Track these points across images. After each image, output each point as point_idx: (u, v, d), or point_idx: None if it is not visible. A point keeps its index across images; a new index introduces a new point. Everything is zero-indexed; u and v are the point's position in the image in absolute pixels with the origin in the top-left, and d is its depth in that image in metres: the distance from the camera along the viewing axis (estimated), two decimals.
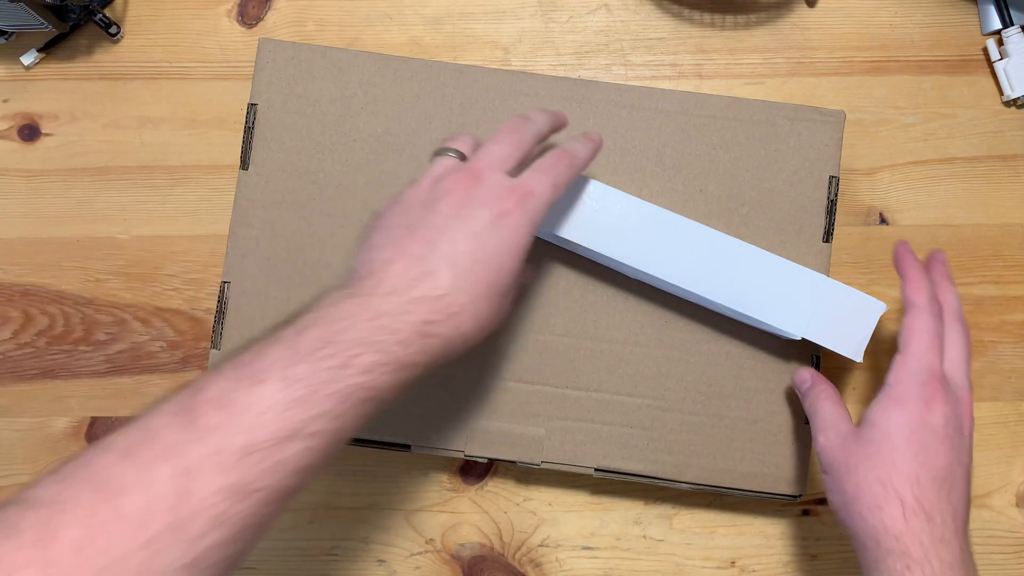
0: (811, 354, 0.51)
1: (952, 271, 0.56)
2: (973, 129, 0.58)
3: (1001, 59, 0.57)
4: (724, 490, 0.51)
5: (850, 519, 0.42)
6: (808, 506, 0.55)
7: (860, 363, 0.48)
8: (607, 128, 0.52)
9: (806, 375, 0.48)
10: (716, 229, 0.48)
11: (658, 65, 0.58)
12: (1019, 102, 0.58)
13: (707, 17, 0.59)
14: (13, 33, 0.57)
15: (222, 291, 0.51)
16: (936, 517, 0.40)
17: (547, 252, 0.51)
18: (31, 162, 0.57)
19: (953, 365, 0.45)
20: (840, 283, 0.48)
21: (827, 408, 0.45)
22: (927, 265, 0.49)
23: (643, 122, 0.52)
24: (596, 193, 0.47)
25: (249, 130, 0.52)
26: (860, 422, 0.44)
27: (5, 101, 0.58)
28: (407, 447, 0.51)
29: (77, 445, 0.55)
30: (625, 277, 0.51)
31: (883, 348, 0.55)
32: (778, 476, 0.50)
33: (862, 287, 0.56)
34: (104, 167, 0.57)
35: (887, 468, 0.41)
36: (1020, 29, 0.57)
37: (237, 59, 0.58)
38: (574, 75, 0.58)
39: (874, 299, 0.48)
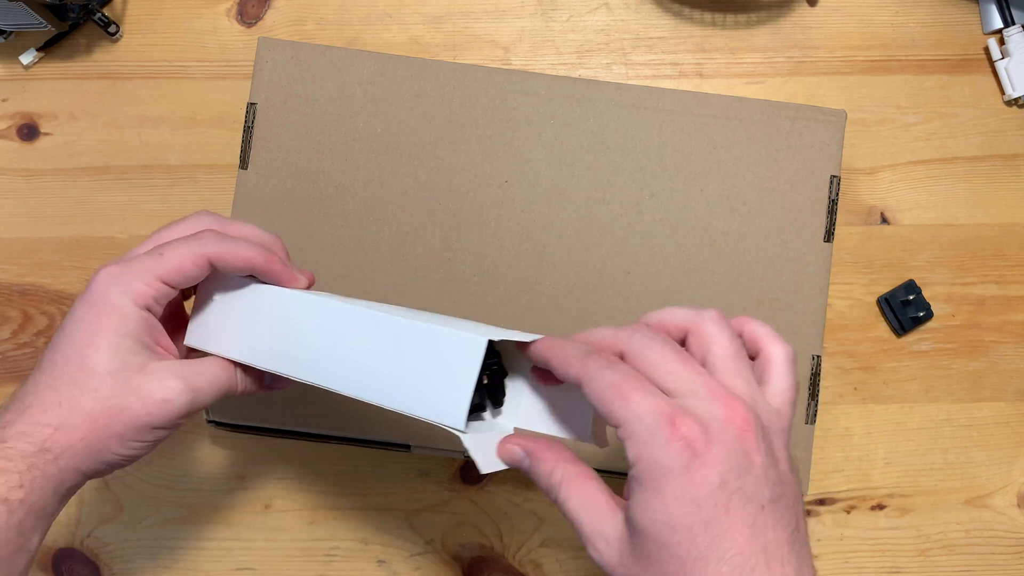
0: (812, 354, 0.51)
1: (954, 270, 0.56)
2: (974, 128, 0.58)
3: (1002, 58, 0.57)
4: None
5: None
6: (809, 507, 0.55)
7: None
8: (607, 127, 0.52)
9: (516, 449, 0.33)
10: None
11: (659, 64, 0.58)
12: (1020, 101, 0.58)
13: (708, 16, 0.58)
14: (12, 32, 0.57)
15: None
16: None
17: (545, 257, 0.51)
18: (30, 161, 0.57)
19: (729, 374, 0.31)
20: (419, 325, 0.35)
21: (582, 498, 0.31)
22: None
23: (644, 121, 0.52)
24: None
25: (248, 129, 0.51)
26: (627, 524, 0.30)
27: (4, 100, 0.58)
28: (407, 447, 0.51)
29: None
30: (627, 276, 0.51)
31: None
32: None
33: (863, 287, 0.56)
34: (103, 167, 0.57)
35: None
36: (1021, 28, 0.57)
37: (236, 58, 0.58)
38: (574, 74, 0.58)
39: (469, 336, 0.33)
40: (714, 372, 0.31)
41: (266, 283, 0.39)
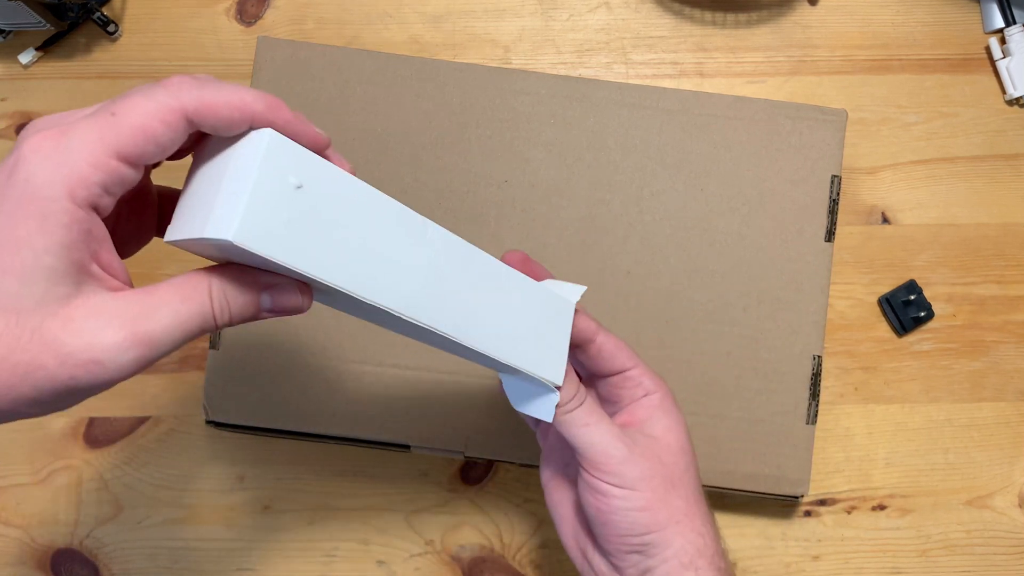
0: (812, 354, 0.50)
1: (955, 270, 0.56)
2: (975, 128, 0.58)
3: (1003, 58, 0.57)
4: (725, 491, 0.50)
5: (674, 536, 0.37)
6: (810, 507, 0.55)
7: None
8: (608, 127, 0.51)
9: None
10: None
11: (659, 63, 0.58)
12: (1021, 101, 0.58)
13: (708, 15, 0.58)
14: (11, 32, 0.57)
15: None
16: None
17: (545, 257, 0.51)
18: None
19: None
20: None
21: (602, 416, 0.39)
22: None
23: (644, 121, 0.52)
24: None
25: None
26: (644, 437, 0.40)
27: (3, 100, 0.57)
28: (407, 447, 0.50)
29: (75, 445, 0.55)
30: (627, 276, 0.51)
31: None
32: (780, 477, 0.50)
33: (864, 287, 0.56)
34: None
35: (695, 481, 0.39)
36: (1022, 27, 0.57)
37: (236, 58, 0.58)
38: (575, 73, 0.58)
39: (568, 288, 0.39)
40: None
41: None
